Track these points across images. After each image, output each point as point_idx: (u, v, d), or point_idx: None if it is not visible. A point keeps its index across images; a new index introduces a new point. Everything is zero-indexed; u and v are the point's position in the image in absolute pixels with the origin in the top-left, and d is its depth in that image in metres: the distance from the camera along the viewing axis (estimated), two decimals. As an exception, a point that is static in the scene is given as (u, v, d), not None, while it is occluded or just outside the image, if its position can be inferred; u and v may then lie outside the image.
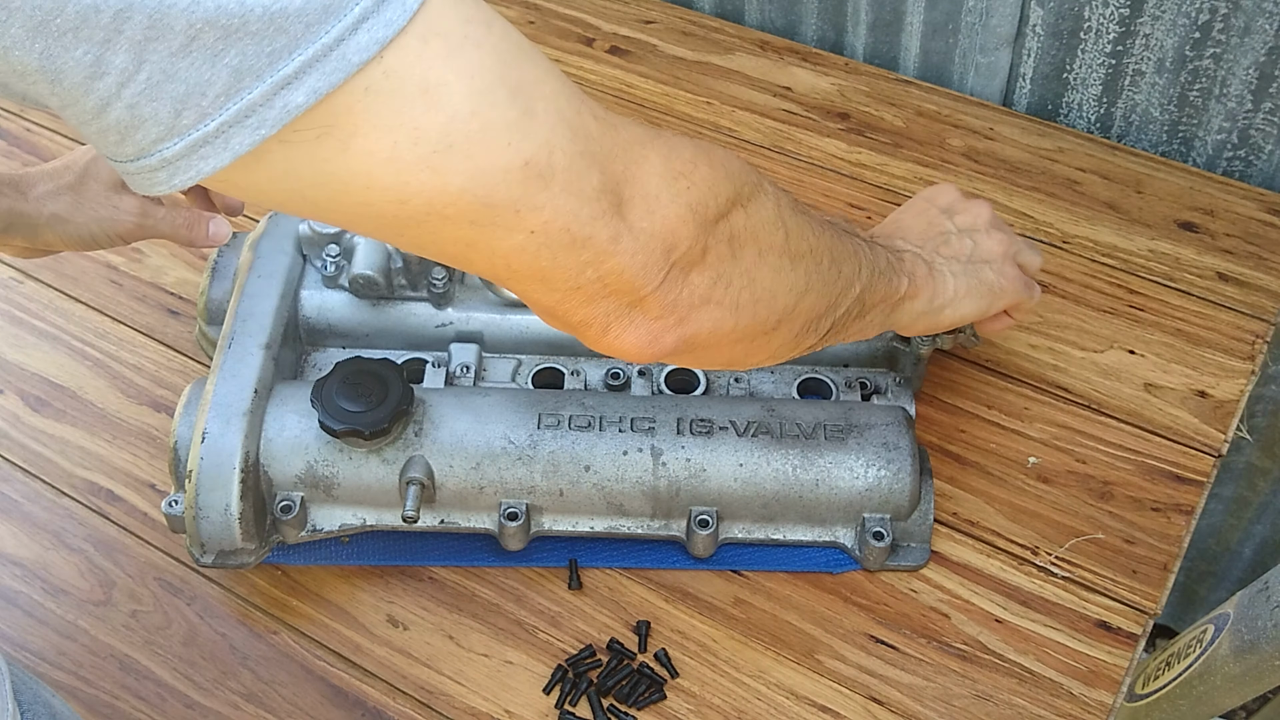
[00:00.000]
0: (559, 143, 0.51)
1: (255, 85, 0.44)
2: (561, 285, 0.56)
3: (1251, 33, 1.11)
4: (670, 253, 0.57)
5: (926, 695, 0.84)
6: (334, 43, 0.44)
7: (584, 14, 1.38)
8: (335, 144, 0.46)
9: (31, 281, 1.13)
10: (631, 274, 0.56)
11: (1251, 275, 1.09)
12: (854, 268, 0.72)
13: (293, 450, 0.86)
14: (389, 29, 0.45)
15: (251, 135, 0.45)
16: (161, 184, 0.46)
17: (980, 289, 0.83)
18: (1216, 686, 1.00)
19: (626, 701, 0.84)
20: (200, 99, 0.44)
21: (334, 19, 0.44)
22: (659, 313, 0.59)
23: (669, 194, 0.57)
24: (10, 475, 0.98)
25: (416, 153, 0.47)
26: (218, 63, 0.43)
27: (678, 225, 0.57)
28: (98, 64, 0.42)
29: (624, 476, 0.87)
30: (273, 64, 0.44)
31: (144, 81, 0.43)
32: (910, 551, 0.90)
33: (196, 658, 0.88)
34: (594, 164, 0.53)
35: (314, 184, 0.48)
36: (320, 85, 0.44)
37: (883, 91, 1.28)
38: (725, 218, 0.60)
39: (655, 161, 0.56)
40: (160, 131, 0.44)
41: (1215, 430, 0.98)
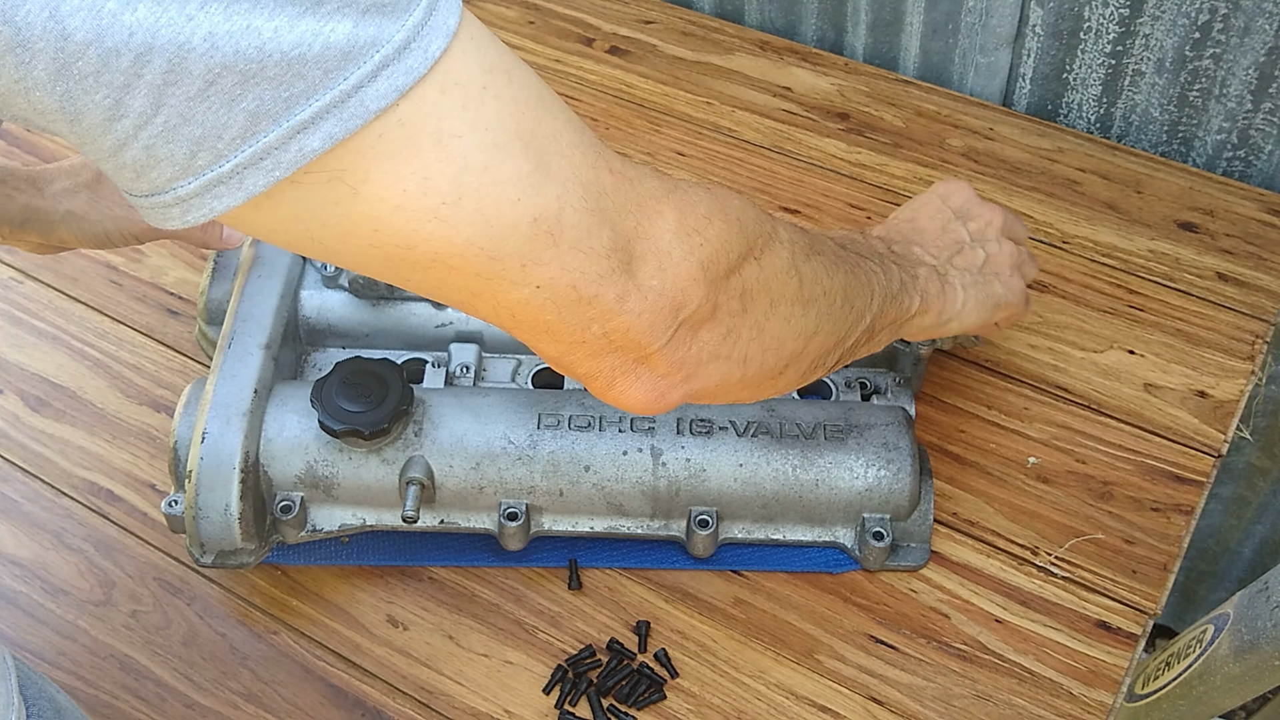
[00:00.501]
0: (571, 200, 0.51)
1: (271, 129, 0.44)
2: (566, 339, 0.55)
3: (1251, 33, 1.11)
4: (679, 311, 0.57)
5: (926, 695, 0.84)
6: (352, 89, 0.44)
7: (584, 14, 1.38)
8: (346, 188, 0.46)
9: (31, 281, 1.13)
10: (638, 332, 0.56)
11: (1251, 275, 1.09)
12: (866, 299, 0.71)
13: (292, 450, 0.86)
14: (409, 77, 0.45)
15: (266, 177, 0.45)
16: (175, 220, 0.46)
17: (987, 302, 0.84)
18: (1216, 687, 1.00)
19: (626, 701, 0.84)
20: (216, 141, 0.44)
21: (354, 65, 0.44)
22: (665, 370, 0.59)
23: (681, 251, 0.56)
24: (10, 475, 0.98)
25: (426, 203, 0.47)
26: (235, 106, 0.43)
27: (688, 284, 0.56)
28: (116, 106, 0.42)
29: (624, 476, 0.87)
30: (289, 109, 0.44)
31: (161, 124, 0.43)
32: (910, 551, 0.90)
33: (196, 658, 0.88)
34: (605, 221, 0.52)
35: (322, 225, 0.48)
36: (337, 131, 0.45)
37: (882, 92, 1.28)
38: (737, 272, 0.60)
39: (670, 217, 0.56)
40: (175, 171, 0.45)
41: (1215, 430, 0.98)
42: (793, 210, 1.16)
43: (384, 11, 0.45)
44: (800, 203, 1.17)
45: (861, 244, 0.77)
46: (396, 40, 0.45)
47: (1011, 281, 0.87)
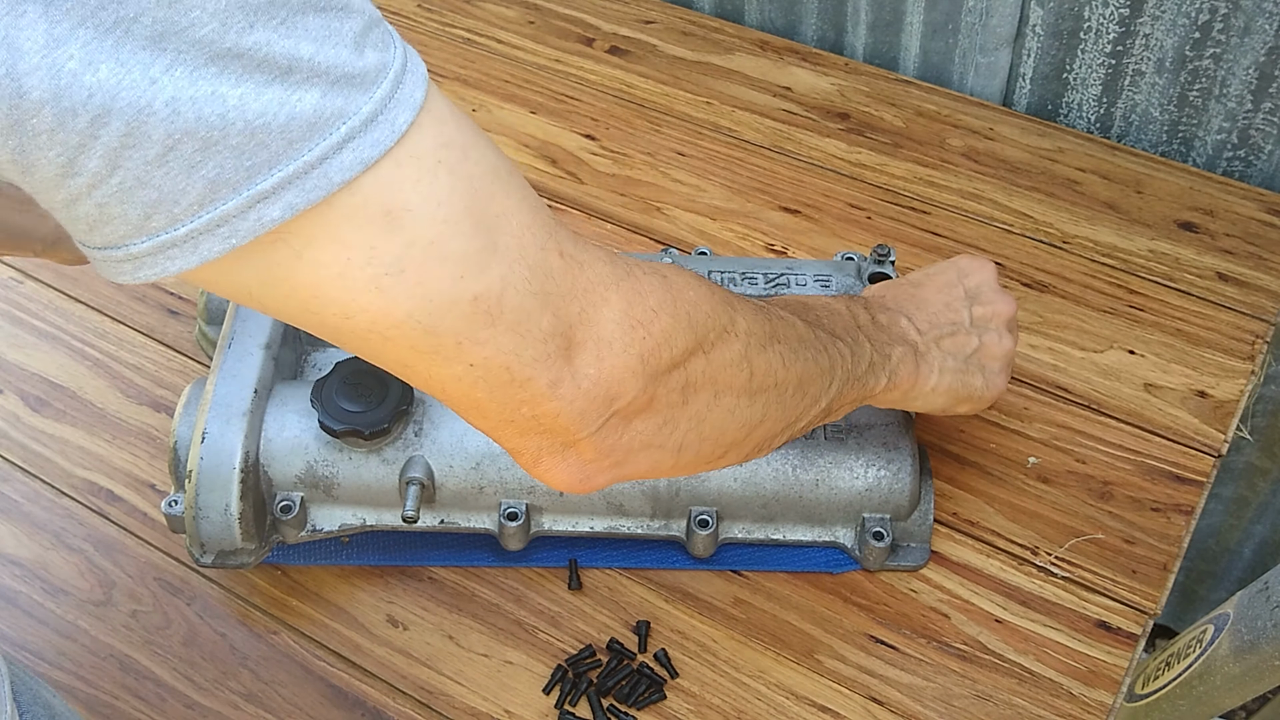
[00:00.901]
0: (514, 281, 0.50)
1: (230, 197, 0.43)
2: (495, 417, 0.55)
3: (1251, 33, 1.11)
4: (613, 402, 0.56)
5: (926, 695, 0.84)
6: (316, 161, 0.44)
7: (584, 14, 1.38)
8: (289, 251, 0.46)
9: (31, 281, 1.13)
10: (568, 419, 0.55)
11: (1251, 275, 1.09)
12: (823, 385, 0.70)
13: (293, 450, 0.86)
14: (375, 150, 0.45)
15: (222, 244, 0.44)
16: (126, 275, 0.46)
17: (960, 391, 0.82)
18: (1216, 686, 1.00)
19: (626, 701, 0.84)
20: (173, 206, 0.43)
21: (319, 137, 0.43)
22: (593, 456, 0.58)
23: (622, 343, 0.55)
24: (10, 475, 0.98)
25: (367, 273, 0.47)
26: (194, 173, 0.42)
27: (625, 375, 0.55)
28: (70, 165, 0.41)
29: (624, 476, 0.87)
30: (250, 178, 0.43)
31: (116, 185, 0.42)
32: (910, 551, 0.90)
33: (196, 658, 0.88)
34: (547, 305, 0.51)
35: (263, 285, 0.47)
36: (298, 201, 0.44)
37: (883, 91, 1.28)
38: (681, 366, 0.59)
39: (616, 306, 0.55)
40: (128, 230, 0.44)
41: (1215, 430, 0.98)
42: (793, 210, 1.16)
43: (352, 83, 0.44)
44: (800, 202, 1.17)
45: (839, 317, 0.75)
46: (364, 113, 0.44)
47: (995, 378, 0.85)
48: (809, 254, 1.12)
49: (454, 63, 1.34)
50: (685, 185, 1.19)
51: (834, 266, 1.01)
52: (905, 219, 1.15)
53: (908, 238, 1.13)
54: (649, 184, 1.19)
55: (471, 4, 1.41)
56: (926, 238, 1.13)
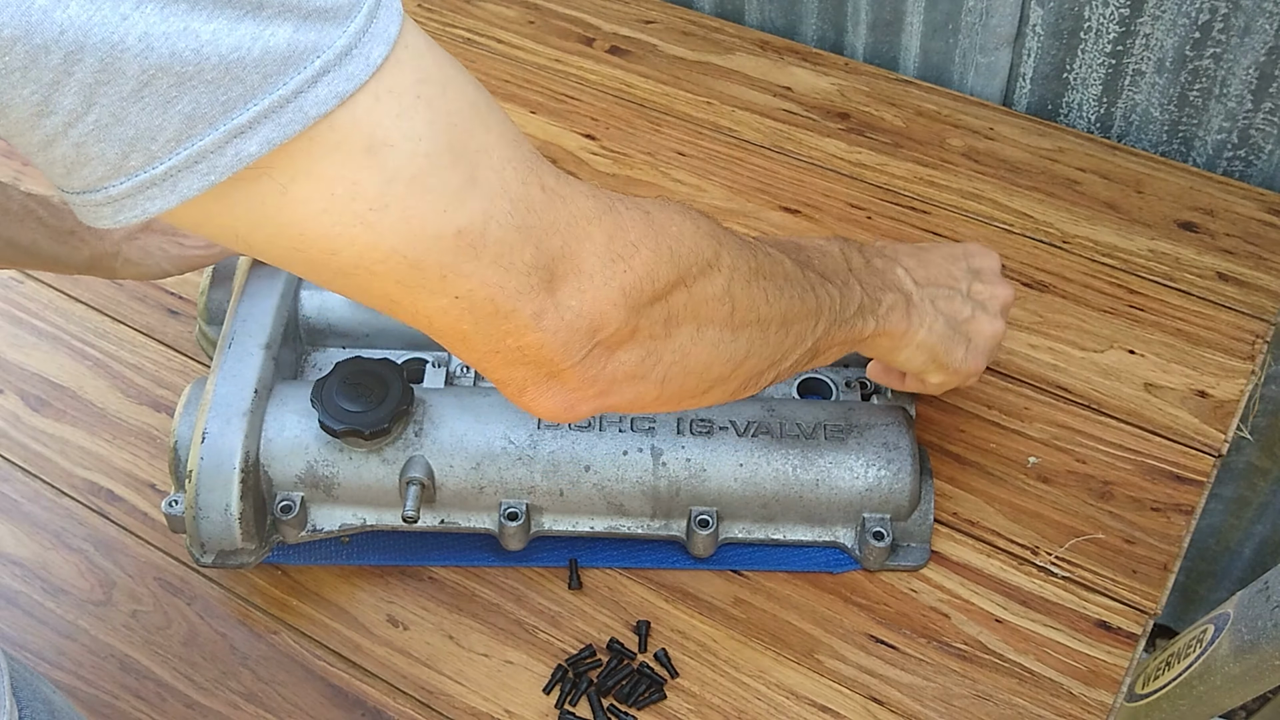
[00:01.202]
0: (496, 214, 0.51)
1: (207, 133, 0.43)
2: (481, 348, 0.56)
3: (1252, 33, 1.11)
4: (596, 333, 0.57)
5: (926, 695, 0.84)
6: (292, 95, 0.44)
7: (584, 14, 1.38)
8: (274, 188, 0.46)
9: (31, 281, 1.13)
10: (551, 349, 0.56)
11: (1251, 275, 1.09)
12: (809, 324, 0.71)
13: (293, 450, 0.86)
14: (350, 83, 0.45)
15: (201, 180, 0.44)
16: (106, 219, 0.46)
17: (941, 356, 0.82)
18: (1216, 686, 1.00)
19: (626, 701, 0.84)
20: (149, 143, 0.43)
21: (293, 71, 0.44)
22: (576, 385, 0.59)
23: (603, 275, 0.56)
24: (10, 475, 0.98)
25: (352, 208, 0.47)
26: (170, 109, 0.42)
27: (608, 308, 0.56)
28: (45, 103, 0.42)
29: (624, 476, 0.87)
30: (226, 112, 0.43)
31: (92, 123, 0.42)
32: (910, 551, 0.90)
33: (196, 658, 0.88)
34: (530, 238, 0.52)
35: (249, 224, 0.48)
36: (275, 136, 0.44)
37: (883, 91, 1.28)
38: (663, 299, 0.59)
39: (598, 239, 0.55)
40: (106, 171, 0.44)
41: (1215, 430, 0.98)
42: (793, 210, 1.16)
43: (325, 17, 0.44)
44: (800, 202, 1.17)
45: (830, 258, 0.76)
46: (338, 46, 0.45)
47: (977, 356, 0.84)
48: (809, 254, 1.12)
49: (454, 63, 1.33)
50: (685, 185, 1.19)
51: (834, 266, 1.01)
52: (905, 219, 1.15)
53: (908, 238, 1.13)
54: (649, 184, 1.19)
55: (471, 4, 1.41)
56: (927, 237, 1.13)
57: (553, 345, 0.55)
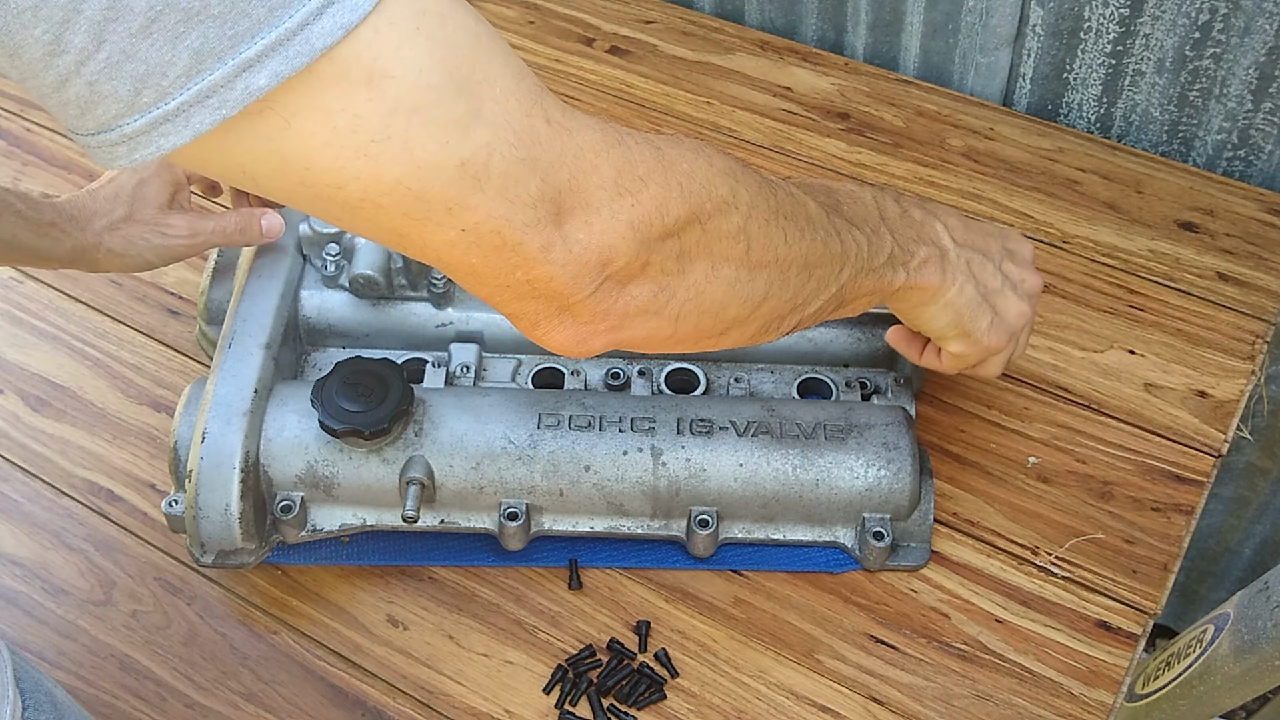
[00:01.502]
0: (500, 146, 0.51)
1: (217, 67, 0.44)
2: (491, 282, 0.56)
3: (1251, 33, 1.11)
4: (605, 266, 0.56)
5: (926, 695, 0.84)
6: (298, 27, 0.44)
7: (584, 14, 1.38)
8: (278, 122, 0.46)
9: (31, 281, 1.13)
10: (561, 283, 0.56)
11: (1251, 275, 1.09)
12: (834, 269, 0.70)
13: (293, 450, 0.86)
14: (354, 14, 0.45)
15: (212, 115, 0.45)
16: (122, 158, 0.46)
17: (966, 322, 0.80)
18: (1216, 686, 1.00)
19: (626, 701, 0.84)
20: (161, 79, 0.44)
21: (298, 4, 0.44)
22: (589, 319, 0.58)
23: (610, 209, 0.55)
24: (10, 475, 0.98)
25: (355, 141, 0.47)
26: (179, 44, 0.43)
27: (616, 240, 0.56)
28: (56, 42, 0.42)
29: (624, 476, 0.87)
30: (234, 46, 0.44)
31: (103, 60, 0.43)
32: (910, 551, 0.90)
33: (196, 658, 0.88)
34: (535, 170, 0.52)
35: (255, 159, 0.48)
36: (283, 69, 0.44)
37: (883, 91, 1.28)
38: (675, 235, 0.59)
39: (605, 173, 0.55)
40: (120, 109, 0.44)
41: (1215, 430, 0.98)
42: (793, 210, 1.16)
43: None
44: (800, 203, 1.17)
45: (862, 205, 0.74)
46: None
47: (998, 332, 0.82)
48: (809, 254, 1.12)
49: (454, 63, 1.34)
50: (685, 185, 1.19)
51: (834, 266, 1.01)
52: (905, 219, 1.15)
53: (908, 238, 1.13)
54: (649, 184, 1.19)
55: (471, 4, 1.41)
56: (926, 238, 1.13)
57: (562, 278, 0.55)
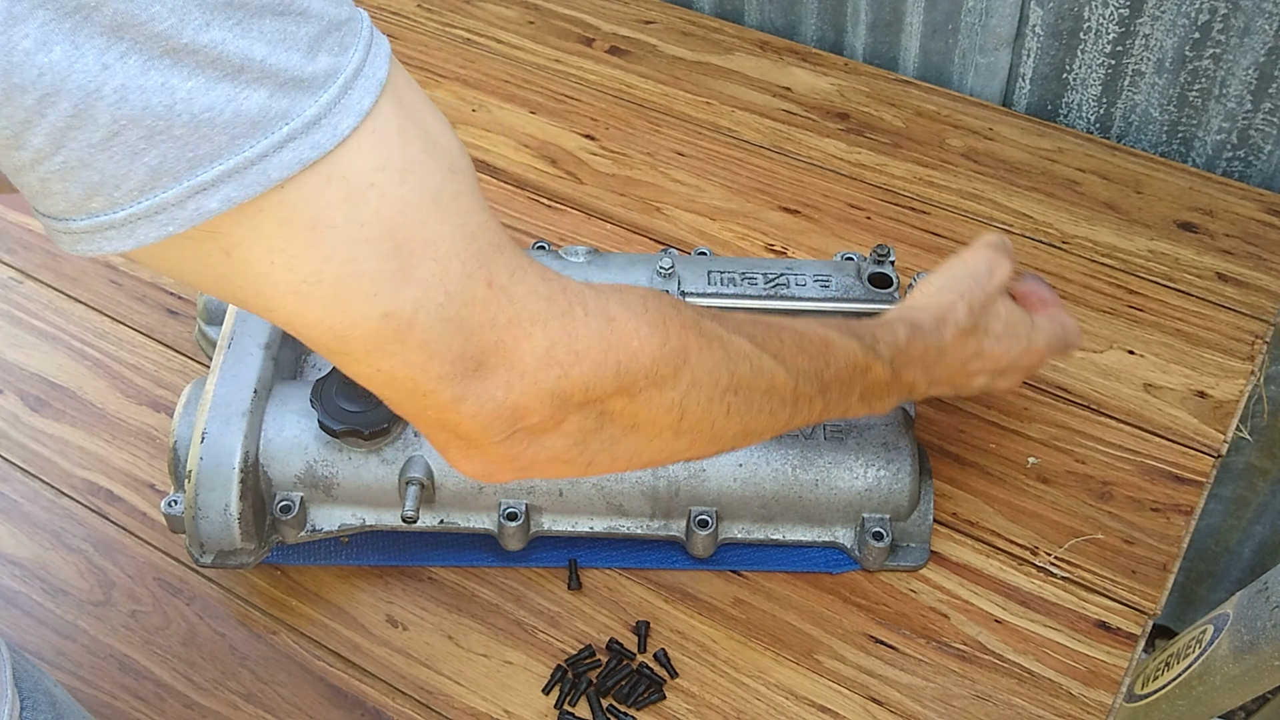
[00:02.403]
0: (428, 305, 0.51)
1: (171, 186, 0.44)
2: (404, 410, 0.57)
3: (1251, 33, 1.11)
4: (517, 422, 0.56)
5: (926, 695, 0.84)
6: (257, 158, 0.45)
7: (584, 14, 1.38)
8: (219, 250, 0.48)
9: (31, 281, 1.13)
10: (470, 429, 0.56)
11: (1251, 275, 1.09)
12: (778, 424, 0.70)
13: (292, 450, 0.86)
14: (315, 152, 0.46)
15: (159, 230, 0.45)
16: (66, 246, 0.47)
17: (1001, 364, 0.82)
18: (1216, 687, 1.00)
19: (626, 702, 0.84)
20: (114, 190, 0.44)
21: (261, 135, 0.45)
22: (496, 459, 0.59)
23: (534, 377, 0.55)
24: (9, 475, 0.98)
25: (288, 278, 0.49)
26: (136, 160, 0.44)
27: (534, 404, 0.56)
28: (15, 138, 0.43)
29: (623, 476, 0.87)
30: (192, 169, 0.44)
31: (59, 164, 0.43)
32: (910, 552, 0.90)
33: (196, 658, 0.88)
34: (460, 331, 0.53)
35: (194, 273, 0.50)
36: (236, 195, 0.45)
37: (882, 92, 1.28)
38: (599, 402, 0.59)
39: (539, 342, 0.55)
40: (68, 207, 0.45)
41: (1215, 430, 0.98)
42: (792, 210, 1.16)
43: (300, 87, 0.45)
44: (800, 203, 1.17)
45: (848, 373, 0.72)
46: (308, 116, 0.46)
47: (1036, 342, 0.83)
48: (809, 254, 1.12)
49: (454, 63, 1.34)
50: (685, 185, 1.19)
51: (834, 267, 1.01)
52: (905, 219, 1.15)
53: (907, 238, 1.13)
54: (649, 184, 1.19)
55: (471, 4, 1.41)
56: (926, 238, 1.13)
57: (472, 426, 0.56)
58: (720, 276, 0.99)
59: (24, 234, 1.16)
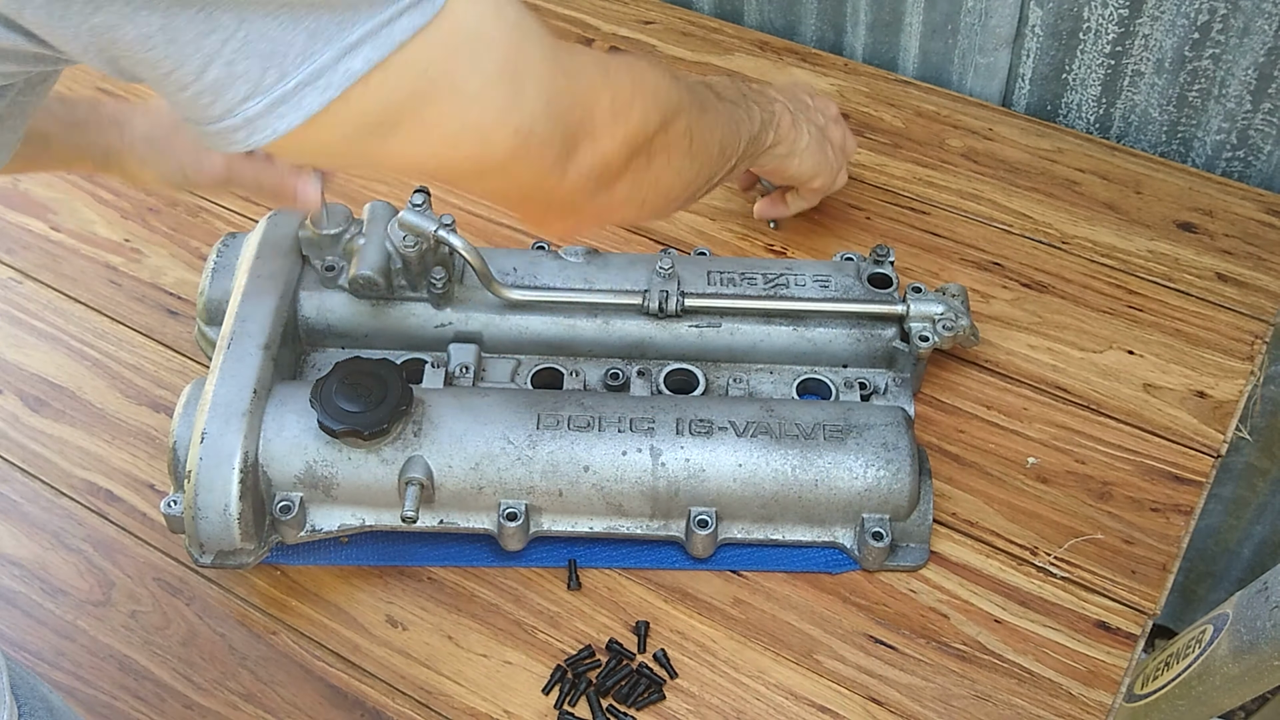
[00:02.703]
0: (539, 113, 0.63)
1: (325, 49, 0.51)
2: (522, 204, 0.73)
3: (1250, 33, 1.11)
4: (604, 176, 0.71)
5: (925, 695, 0.84)
6: (387, 20, 0.52)
7: (583, 14, 1.38)
8: (380, 131, 0.56)
9: (31, 282, 1.13)
10: (575, 197, 0.70)
11: (1250, 276, 1.09)
12: (736, 145, 0.87)
13: (292, 450, 0.86)
14: (423, 18, 0.54)
15: (320, 96, 0.52)
16: (239, 143, 0.53)
17: (820, 160, 1.00)
18: (1215, 687, 1.00)
19: (625, 702, 0.84)
20: (282, 59, 0.51)
21: (392, 2, 0.53)
22: (589, 213, 0.76)
23: (609, 133, 0.69)
24: (9, 475, 0.98)
25: (435, 134, 0.59)
26: (298, 25, 0.51)
27: (613, 158, 0.70)
28: (208, 20, 0.49)
29: (623, 477, 0.87)
30: (340, 30, 0.51)
31: (241, 39, 0.50)
32: (909, 552, 0.90)
33: (195, 658, 0.88)
34: (561, 122, 0.65)
35: (355, 157, 0.60)
36: (373, 55, 0.52)
37: (882, 92, 1.28)
38: (649, 141, 0.73)
39: (604, 102, 0.68)
40: (248, 89, 0.51)
41: (1214, 430, 0.98)
42: (792, 210, 1.16)
43: None
44: (799, 203, 1.17)
45: (731, 89, 0.90)
46: None
47: (839, 156, 1.03)
48: (808, 254, 1.12)
49: (453, 63, 1.34)
50: (684, 185, 1.19)
51: (833, 267, 1.01)
52: (904, 219, 1.15)
53: (907, 238, 1.13)
54: (648, 184, 1.19)
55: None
56: (925, 238, 1.13)
57: (576, 194, 0.70)
58: (720, 276, 0.99)
59: (24, 234, 1.16)
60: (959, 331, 0.96)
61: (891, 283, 1.00)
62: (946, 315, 0.96)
